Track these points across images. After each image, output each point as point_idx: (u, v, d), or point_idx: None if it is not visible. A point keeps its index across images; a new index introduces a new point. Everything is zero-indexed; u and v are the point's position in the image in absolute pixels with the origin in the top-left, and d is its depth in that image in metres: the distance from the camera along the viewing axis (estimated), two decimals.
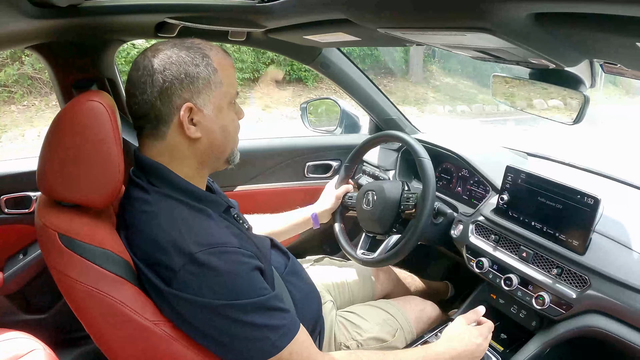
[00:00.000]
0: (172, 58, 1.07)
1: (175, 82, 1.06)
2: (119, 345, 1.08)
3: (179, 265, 1.00)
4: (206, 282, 1.00)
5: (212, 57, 1.11)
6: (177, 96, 1.07)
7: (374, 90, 2.34)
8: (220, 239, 1.06)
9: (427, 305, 1.83)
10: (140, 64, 1.09)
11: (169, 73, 1.06)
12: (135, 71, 1.09)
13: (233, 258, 1.04)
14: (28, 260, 1.87)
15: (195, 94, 1.09)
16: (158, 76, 1.06)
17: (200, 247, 1.01)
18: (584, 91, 1.34)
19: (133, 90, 1.10)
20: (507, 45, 0.96)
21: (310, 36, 1.56)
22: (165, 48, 1.09)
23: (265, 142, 2.37)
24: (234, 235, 1.12)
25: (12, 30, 1.27)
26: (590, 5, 0.67)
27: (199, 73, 1.09)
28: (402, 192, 1.77)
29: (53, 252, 1.05)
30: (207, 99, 1.11)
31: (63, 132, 1.07)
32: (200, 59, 1.09)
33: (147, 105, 1.08)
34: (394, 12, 1.03)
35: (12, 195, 1.81)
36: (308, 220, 1.89)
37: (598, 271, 1.33)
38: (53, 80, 1.67)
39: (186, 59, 1.08)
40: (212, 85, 1.11)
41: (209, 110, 1.12)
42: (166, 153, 1.13)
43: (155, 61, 1.07)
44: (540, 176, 1.49)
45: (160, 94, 1.07)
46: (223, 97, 1.14)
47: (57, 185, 1.07)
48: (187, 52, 1.09)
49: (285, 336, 1.06)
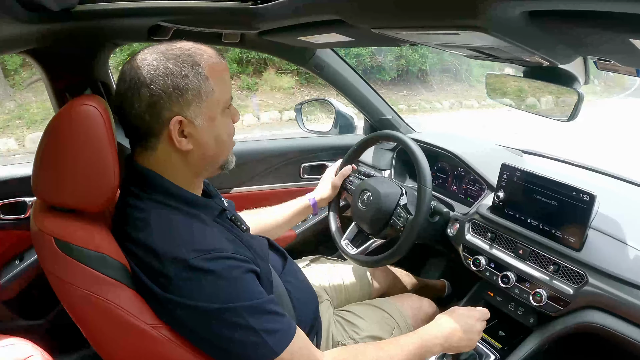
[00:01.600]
0: (159, 69, 1.03)
1: (163, 95, 1.03)
2: (117, 349, 1.08)
3: (174, 272, 1.00)
4: (201, 288, 1.00)
5: (203, 64, 1.07)
6: (166, 109, 1.04)
7: (368, 90, 2.34)
8: (214, 244, 1.05)
9: (423, 302, 1.83)
10: (127, 75, 1.06)
11: (155, 87, 1.03)
12: (122, 82, 1.07)
13: (228, 263, 1.04)
14: (24, 266, 1.86)
15: (185, 106, 1.05)
16: (145, 90, 1.03)
17: (195, 253, 1.01)
18: (578, 88, 1.35)
19: (121, 104, 1.08)
20: (500, 43, 0.96)
21: (304, 37, 1.56)
22: (152, 57, 1.05)
23: (260, 143, 2.37)
24: (228, 240, 1.11)
25: (5, 35, 1.27)
26: (584, 3, 0.68)
27: (188, 84, 1.05)
28: (396, 204, 1.76)
29: (49, 257, 1.05)
30: (197, 110, 1.07)
31: (57, 137, 1.06)
32: (190, 68, 1.05)
33: (137, 119, 1.07)
34: (387, 12, 1.03)
35: (7, 201, 1.80)
36: (307, 207, 1.86)
37: (595, 267, 1.33)
38: (47, 85, 1.67)
39: (174, 69, 1.04)
40: (202, 95, 1.07)
41: (200, 122, 1.08)
42: (158, 163, 1.12)
43: (141, 73, 1.04)
44: (536, 173, 1.49)
45: (148, 107, 1.04)
46: (215, 105, 1.11)
47: (53, 190, 1.07)
48: (175, 61, 1.05)
49: (282, 340, 1.06)
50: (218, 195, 1.35)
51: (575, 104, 1.37)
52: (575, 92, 1.35)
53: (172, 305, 1.01)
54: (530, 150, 2.19)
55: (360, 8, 1.07)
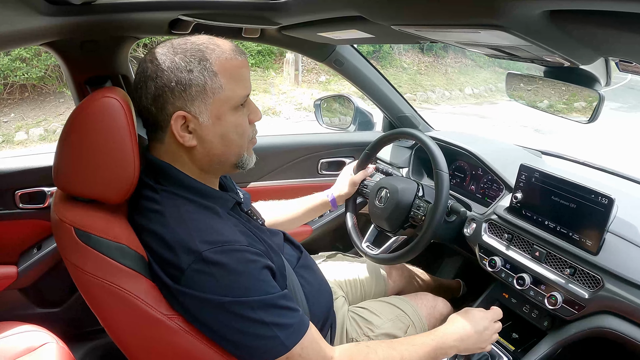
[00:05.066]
0: (165, 64, 1.04)
1: (166, 89, 1.04)
2: (133, 338, 1.10)
3: (187, 264, 1.00)
4: (214, 280, 1.00)
5: (213, 60, 1.06)
6: (170, 104, 1.05)
7: (388, 87, 2.34)
8: (228, 237, 1.05)
9: (438, 301, 1.83)
10: (140, 67, 1.08)
11: (159, 80, 1.04)
12: (136, 75, 1.09)
13: (241, 256, 1.04)
14: (42, 255, 1.89)
15: (188, 101, 1.05)
16: (150, 83, 1.05)
17: (208, 245, 1.01)
18: (599, 89, 1.33)
19: (133, 95, 1.10)
20: (521, 42, 0.96)
21: (324, 33, 1.56)
22: (162, 51, 1.06)
23: (279, 138, 2.38)
24: (242, 233, 1.11)
25: (27, 28, 1.29)
26: (605, 3, 0.67)
27: (192, 80, 1.04)
28: (414, 197, 1.76)
29: (69, 246, 1.06)
30: (202, 107, 1.07)
31: (79, 129, 1.08)
32: (196, 63, 1.04)
33: (145, 110, 1.09)
34: (408, 9, 1.02)
35: (26, 191, 1.83)
36: (326, 203, 1.86)
37: (611, 272, 1.32)
38: (67, 77, 1.69)
39: (180, 64, 1.04)
40: (208, 91, 1.06)
41: (205, 119, 1.08)
42: (168, 155, 1.13)
43: (150, 66, 1.05)
44: (554, 175, 1.48)
45: (153, 101, 1.06)
46: (223, 103, 1.09)
47: (73, 180, 1.08)
48: (182, 56, 1.04)
49: (294, 335, 1.06)
50: (234, 189, 1.35)
51: (596, 105, 1.35)
52: (596, 93, 1.34)
53: (183, 296, 1.02)
54: (548, 152, 2.17)
55: (381, 5, 1.07)
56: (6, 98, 8.81)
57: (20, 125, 8.21)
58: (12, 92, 8.87)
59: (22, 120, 8.43)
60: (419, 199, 1.74)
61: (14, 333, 1.50)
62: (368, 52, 13.33)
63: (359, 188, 1.97)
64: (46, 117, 8.59)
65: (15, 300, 1.94)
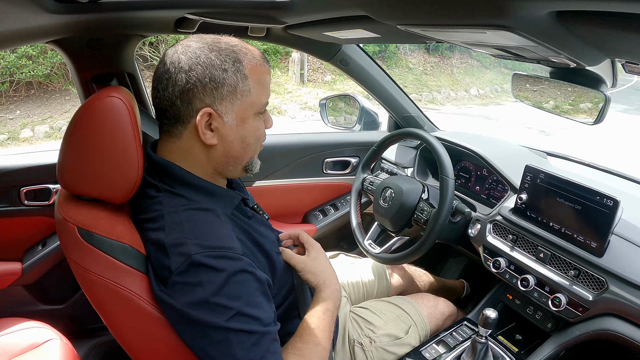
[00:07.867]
0: (200, 58, 1.03)
1: (198, 84, 1.03)
2: (135, 337, 1.10)
3: (176, 266, 0.99)
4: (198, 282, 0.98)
5: (245, 63, 1.06)
6: (198, 99, 1.04)
7: (393, 87, 2.33)
8: (222, 243, 1.03)
9: (439, 301, 1.83)
10: (167, 59, 1.06)
11: (193, 74, 1.02)
12: (162, 65, 1.07)
13: (231, 264, 1.01)
14: (47, 252, 1.90)
15: (217, 99, 1.04)
16: (182, 75, 1.03)
17: (201, 249, 0.99)
18: (605, 91, 1.33)
19: (157, 84, 1.08)
20: (527, 43, 0.95)
21: (329, 32, 1.56)
22: (196, 45, 1.05)
23: (284, 138, 2.38)
24: (239, 239, 1.09)
25: (34, 25, 1.29)
26: (611, 4, 0.66)
27: (226, 79, 1.04)
28: (419, 199, 1.77)
29: (72, 245, 1.07)
30: (230, 107, 1.06)
31: (83, 128, 1.08)
32: (231, 63, 1.04)
33: (168, 102, 1.06)
34: (414, 9, 1.02)
35: (32, 188, 1.84)
36: None
37: (616, 274, 1.31)
38: (73, 75, 1.70)
39: (215, 61, 1.03)
40: (238, 93, 1.06)
41: (229, 119, 1.07)
42: (180, 152, 1.12)
43: (182, 58, 1.04)
44: (559, 176, 1.48)
45: (181, 93, 1.04)
46: (249, 107, 1.09)
47: (77, 180, 1.09)
48: (217, 54, 1.04)
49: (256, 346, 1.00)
50: (241, 189, 1.35)
51: (602, 107, 1.35)
52: (602, 94, 1.33)
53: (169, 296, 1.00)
54: (554, 153, 2.17)
55: (387, 5, 1.07)
56: (12, 95, 8.86)
57: (25, 123, 8.24)
58: (18, 90, 8.91)
59: (28, 117, 8.47)
60: (424, 201, 1.75)
61: (18, 329, 1.51)
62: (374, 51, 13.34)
63: (365, 185, 1.97)
64: (52, 114, 8.62)
65: (19, 297, 1.94)
